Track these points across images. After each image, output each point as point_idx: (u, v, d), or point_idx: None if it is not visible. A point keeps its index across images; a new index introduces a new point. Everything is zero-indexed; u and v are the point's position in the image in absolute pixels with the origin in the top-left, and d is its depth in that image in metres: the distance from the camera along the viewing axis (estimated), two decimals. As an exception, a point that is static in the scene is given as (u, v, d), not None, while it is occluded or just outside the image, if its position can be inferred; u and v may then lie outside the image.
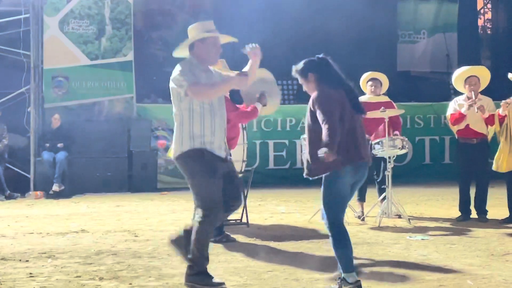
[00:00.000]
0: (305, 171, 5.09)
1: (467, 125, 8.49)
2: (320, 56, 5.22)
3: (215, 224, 5.22)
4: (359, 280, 4.90)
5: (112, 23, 13.11)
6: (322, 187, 5.01)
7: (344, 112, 4.95)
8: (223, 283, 5.14)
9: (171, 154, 8.01)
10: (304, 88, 5.26)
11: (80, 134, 12.46)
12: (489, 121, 8.37)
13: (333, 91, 5.01)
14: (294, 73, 5.27)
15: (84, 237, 7.51)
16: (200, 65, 5.26)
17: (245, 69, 5.40)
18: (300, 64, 5.22)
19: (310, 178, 5.07)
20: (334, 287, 5.03)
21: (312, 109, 5.02)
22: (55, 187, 11.76)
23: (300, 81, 5.25)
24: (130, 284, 5.26)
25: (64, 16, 12.85)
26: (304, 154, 5.11)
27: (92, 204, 10.71)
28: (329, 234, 4.97)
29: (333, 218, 4.97)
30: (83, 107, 13.07)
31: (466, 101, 8.46)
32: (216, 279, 5.16)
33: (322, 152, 4.74)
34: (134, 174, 12.61)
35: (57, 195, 11.67)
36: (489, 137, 8.57)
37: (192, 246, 5.12)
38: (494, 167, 8.31)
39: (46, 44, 12.74)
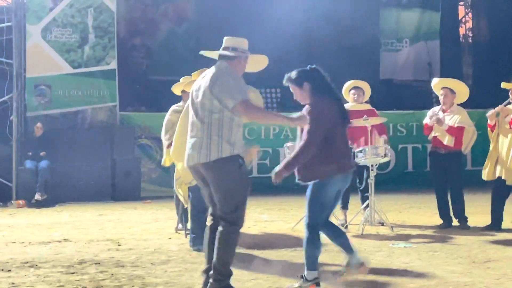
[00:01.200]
0: (298, 176, 5.31)
1: (435, 136, 8.59)
2: (312, 66, 5.42)
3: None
4: (318, 278, 5.25)
5: (95, 31, 13.08)
6: (310, 190, 5.24)
7: (336, 122, 5.23)
8: None
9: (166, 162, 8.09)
10: (296, 96, 5.43)
11: (63, 142, 12.41)
12: (451, 132, 8.42)
13: (326, 102, 5.25)
14: (285, 82, 5.44)
15: (67, 246, 7.48)
16: None
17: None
18: (294, 73, 5.39)
19: (302, 183, 5.32)
20: (295, 285, 5.29)
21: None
22: (38, 196, 11.69)
23: (293, 89, 5.41)
24: (113, 293, 5.25)
25: (47, 24, 12.80)
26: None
27: (75, 213, 10.66)
28: (305, 233, 5.27)
29: (312, 221, 5.25)
30: (66, 115, 13.03)
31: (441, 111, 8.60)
32: None
33: (274, 170, 5.18)
34: (117, 183, 12.56)
35: (40, 204, 11.59)
36: (464, 147, 8.59)
37: (222, 257, 5.01)
38: (482, 176, 8.40)
39: (29, 53, 12.69)
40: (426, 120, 8.73)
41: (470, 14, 19.33)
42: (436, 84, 8.74)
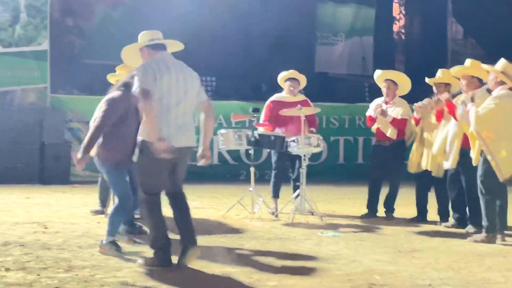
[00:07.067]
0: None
1: (378, 128, 8.72)
2: None
3: None
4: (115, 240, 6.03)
5: (27, 10, 12.74)
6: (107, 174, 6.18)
7: (126, 116, 6.06)
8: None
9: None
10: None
11: (-10, 123, 12.07)
12: (395, 124, 8.57)
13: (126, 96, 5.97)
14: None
15: (-9, 228, 7.28)
16: None
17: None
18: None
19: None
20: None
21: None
22: (-39, 177, 11.34)
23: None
24: (38, 275, 5.13)
25: (-23, 1, 12.41)
26: None
27: (0, 195, 10.35)
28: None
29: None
30: (-6, 95, 12.66)
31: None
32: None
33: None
34: (46, 166, 12.30)
35: (-37, 186, 11.25)
36: (407, 137, 8.76)
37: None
38: (408, 168, 8.57)
39: (-43, 29, 12.27)
40: (370, 112, 8.80)
41: (404, 12, 19.74)
42: (379, 76, 8.84)
